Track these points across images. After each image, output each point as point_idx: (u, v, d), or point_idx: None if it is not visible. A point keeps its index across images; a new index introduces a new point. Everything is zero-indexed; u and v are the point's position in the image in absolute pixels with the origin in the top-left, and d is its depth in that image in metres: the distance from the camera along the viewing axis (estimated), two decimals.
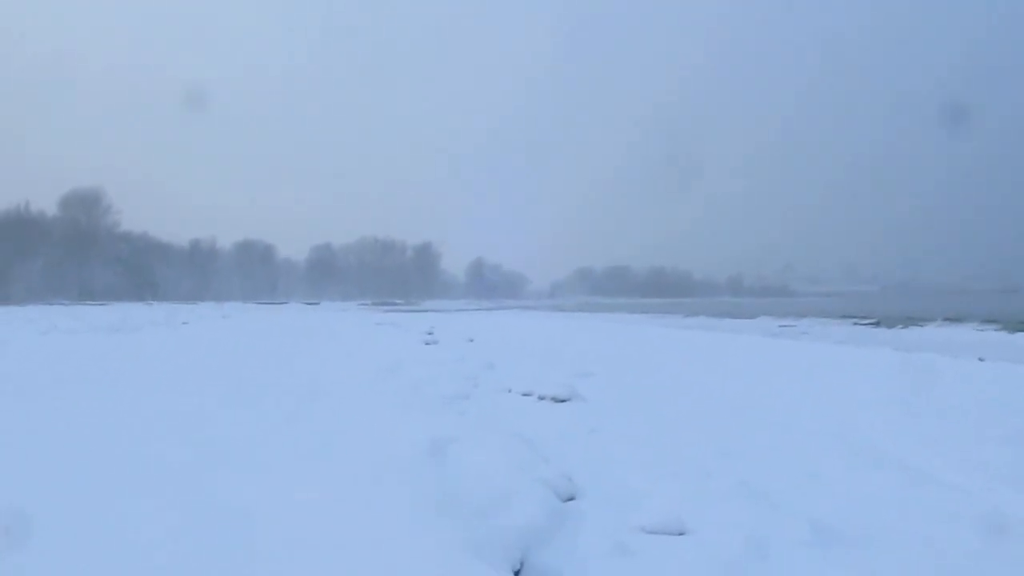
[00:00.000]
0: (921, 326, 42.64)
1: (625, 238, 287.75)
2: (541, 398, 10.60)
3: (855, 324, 48.46)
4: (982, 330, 37.95)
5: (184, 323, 35.14)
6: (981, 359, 20.05)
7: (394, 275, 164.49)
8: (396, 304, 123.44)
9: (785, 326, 47.66)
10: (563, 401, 10.44)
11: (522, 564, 4.39)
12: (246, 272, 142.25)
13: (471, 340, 24.11)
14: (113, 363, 14.59)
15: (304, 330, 29.86)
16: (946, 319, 47.71)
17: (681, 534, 4.90)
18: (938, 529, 5.05)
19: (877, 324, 47.30)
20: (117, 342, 21.19)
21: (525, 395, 10.93)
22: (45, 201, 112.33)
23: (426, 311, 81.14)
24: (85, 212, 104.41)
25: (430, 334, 26.72)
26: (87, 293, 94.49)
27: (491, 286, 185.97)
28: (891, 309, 71.61)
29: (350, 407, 9.05)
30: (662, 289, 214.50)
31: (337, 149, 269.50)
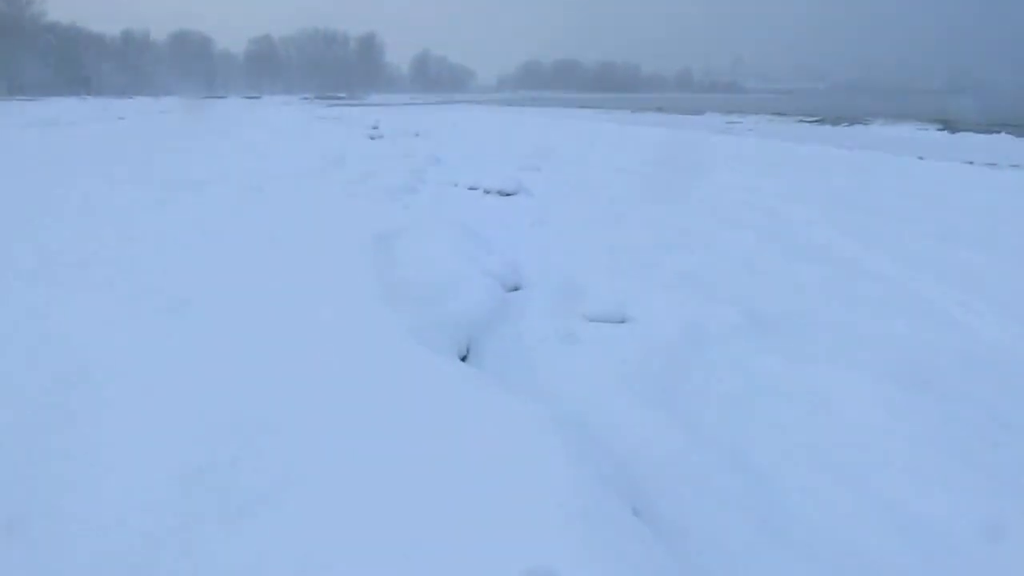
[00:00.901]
0: (865, 124, 42.89)
1: (573, 31, 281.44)
2: (487, 191, 10.62)
3: (800, 122, 48.57)
4: (924, 129, 38.29)
5: (120, 118, 34.08)
6: (921, 158, 20.34)
7: (337, 68, 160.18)
8: (339, 98, 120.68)
9: (732, 123, 47.61)
10: (509, 195, 10.47)
11: (468, 350, 4.51)
12: (182, 66, 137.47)
13: (417, 135, 23.81)
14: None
15: (246, 124, 29.20)
16: (890, 118, 47.98)
17: (622, 322, 5.04)
18: (864, 315, 5.26)
19: (822, 122, 47.45)
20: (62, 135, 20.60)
21: (471, 189, 10.94)
22: None
23: (370, 105, 79.50)
24: (7, 1, 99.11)
25: (375, 128, 26.32)
26: (17, 88, 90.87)
27: (437, 80, 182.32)
28: (838, 107, 71.72)
29: (295, 199, 8.99)
30: (611, 84, 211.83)
31: None
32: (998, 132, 33.78)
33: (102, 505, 2.47)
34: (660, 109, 67.24)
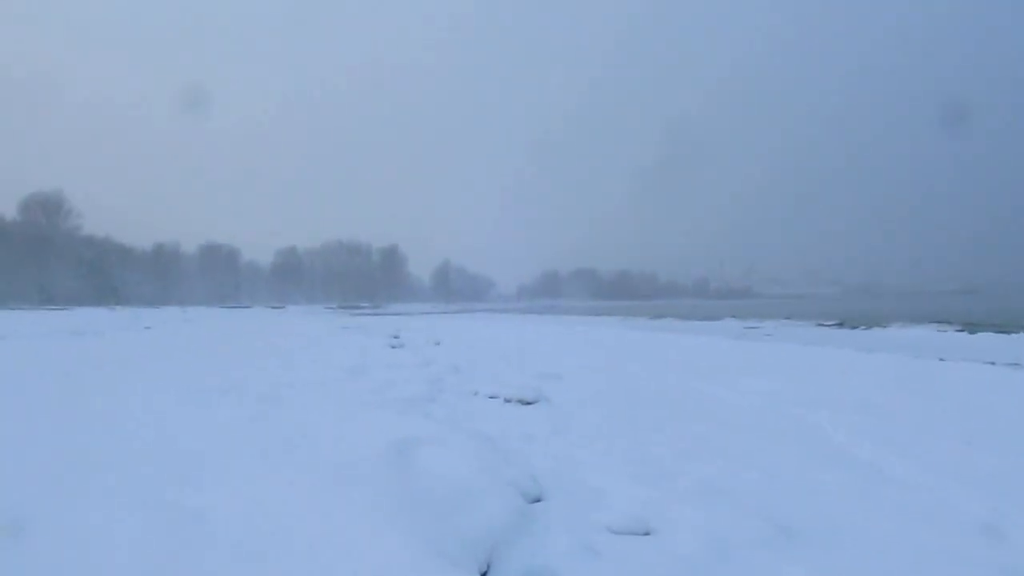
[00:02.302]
0: (883, 327, 43.18)
1: (591, 241, 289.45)
2: (507, 400, 10.61)
3: (818, 325, 48.98)
4: (943, 331, 38.47)
5: (147, 327, 34.73)
6: (942, 359, 20.34)
7: (360, 279, 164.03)
8: (362, 308, 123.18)
9: (750, 327, 48.05)
10: (529, 403, 10.45)
11: (489, 566, 4.40)
12: (210, 276, 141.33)
13: (437, 343, 24.04)
14: (77, 366, 14.41)
15: (269, 333, 29.64)
16: (907, 320, 48.39)
17: (646, 534, 4.94)
18: (891, 524, 5.15)
19: (840, 325, 47.87)
20: (82, 345, 20.93)
21: (491, 397, 10.93)
22: (4, 205, 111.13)
23: (392, 314, 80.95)
24: (46, 216, 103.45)
25: (396, 337, 26.61)
26: (47, 298, 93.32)
27: (457, 289, 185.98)
28: (853, 311, 72.49)
29: (314, 409, 9.00)
30: (628, 291, 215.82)
31: (304, 153, 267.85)
32: (1017, 332, 33.90)
33: None
34: (678, 316, 68.04)
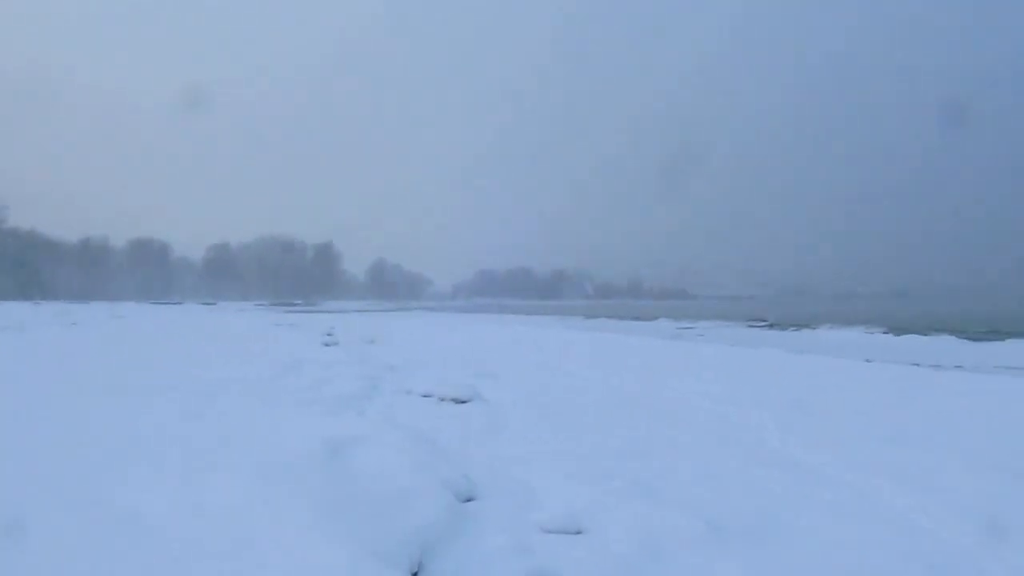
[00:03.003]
0: (813, 329, 44.00)
1: (527, 241, 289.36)
2: (442, 399, 10.57)
3: (750, 326, 49.76)
4: (870, 333, 39.31)
5: (73, 323, 33.92)
6: (868, 360, 20.80)
7: (294, 275, 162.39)
8: (295, 305, 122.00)
9: (684, 328, 48.64)
10: (464, 402, 10.42)
11: (420, 566, 4.37)
12: (140, 271, 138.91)
13: (372, 341, 23.89)
14: None
15: (200, 330, 29.17)
16: (836, 322, 49.37)
17: (579, 533, 4.94)
18: (822, 521, 5.23)
19: (771, 327, 48.69)
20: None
21: (426, 396, 10.88)
22: None
23: (326, 312, 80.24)
24: None
25: (330, 335, 26.38)
26: None
27: (393, 287, 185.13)
28: (784, 312, 73.73)
29: (248, 407, 8.87)
30: (563, 291, 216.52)
31: (237, 147, 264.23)
32: (940, 334, 34.80)
33: None
34: (613, 316, 68.55)
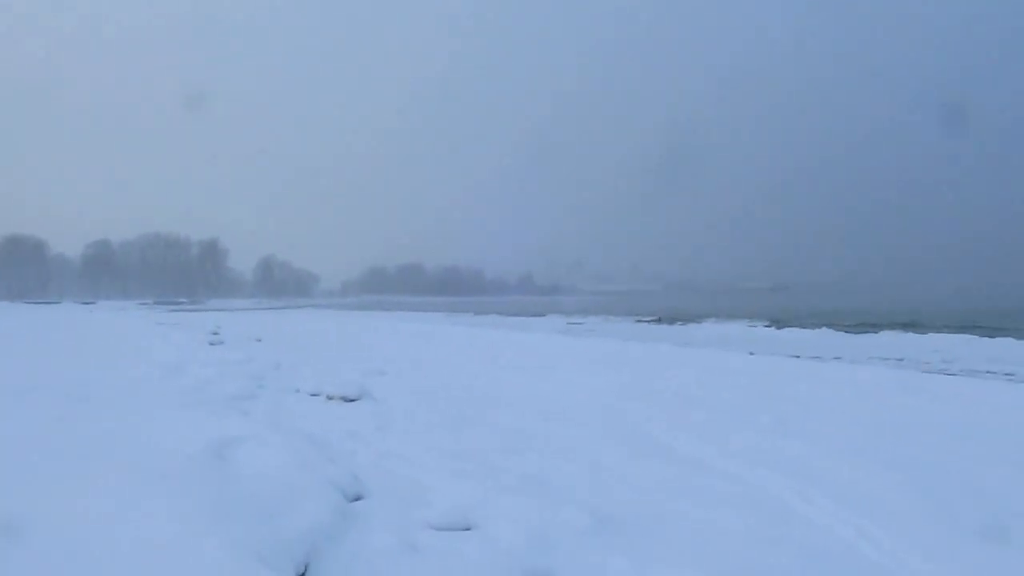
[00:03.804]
0: (699, 323, 45.06)
1: (417, 237, 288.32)
2: (330, 397, 10.44)
3: (638, 321, 50.64)
4: (753, 326, 40.43)
5: None
6: (752, 353, 21.39)
7: (178, 273, 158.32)
8: (180, 303, 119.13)
9: (574, 323, 49.20)
10: (353, 400, 10.32)
11: (306, 567, 4.28)
12: (14, 269, 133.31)
13: (259, 340, 23.49)
14: None
15: (77, 329, 28.15)
16: (721, 316, 50.66)
17: (468, 529, 4.93)
18: (708, 511, 5.34)
19: (659, 321, 49.68)
20: None
21: (313, 395, 10.74)
22: None
23: (212, 310, 78.61)
24: None
25: (215, 334, 25.81)
26: None
27: (281, 284, 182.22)
28: (672, 307, 75.21)
29: (128, 408, 8.59)
30: (455, 287, 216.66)
31: (119, 141, 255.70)
32: (820, 327, 36.02)
33: None
34: (503, 312, 68.86)
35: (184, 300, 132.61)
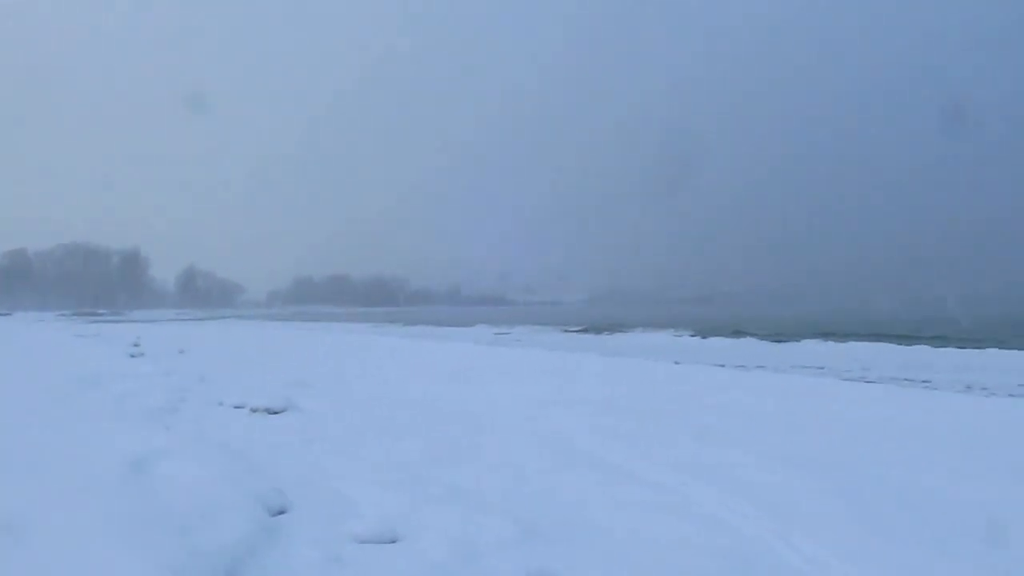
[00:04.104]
0: (625, 332, 45.49)
1: (344, 248, 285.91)
2: (254, 410, 10.29)
3: (566, 331, 50.91)
4: (679, 336, 40.97)
5: None
6: (677, 362, 21.65)
7: (98, 283, 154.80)
8: (100, 314, 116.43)
9: (501, 333, 49.27)
10: (278, 412, 10.19)
11: None
12: None
13: (182, 352, 23.06)
14: None
15: None
16: (648, 326, 51.21)
17: (394, 542, 4.89)
18: (632, 520, 5.38)
19: (586, 331, 49.99)
20: None
21: (238, 407, 10.58)
22: None
23: (134, 321, 77.02)
24: None
25: (136, 346, 25.25)
26: None
27: (205, 295, 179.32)
28: (599, 317, 75.81)
29: (43, 422, 8.36)
30: (382, 298, 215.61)
31: (38, 146, 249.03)
32: (743, 337, 36.65)
33: None
34: (432, 322, 68.73)
35: (104, 311, 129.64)
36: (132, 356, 21.28)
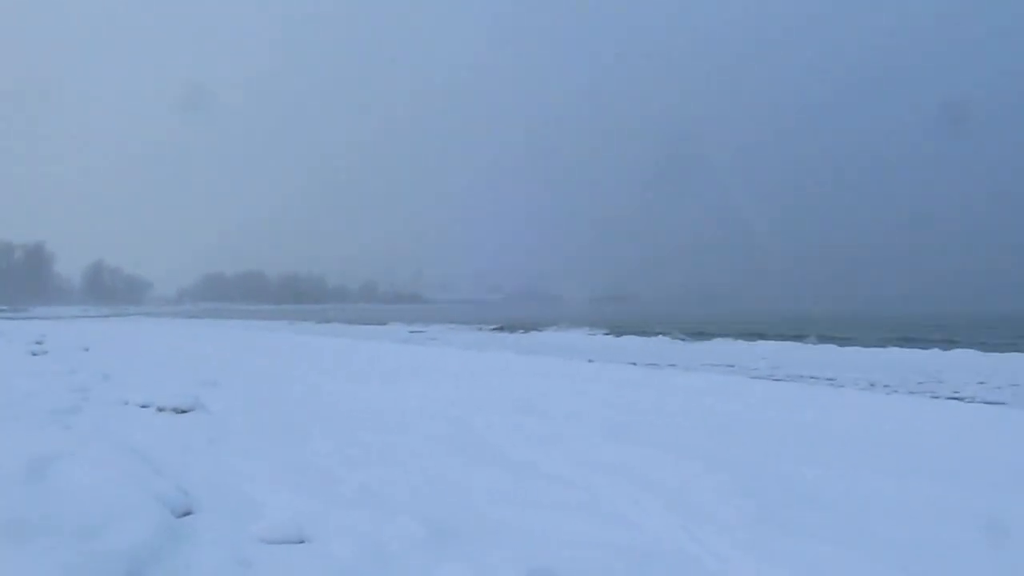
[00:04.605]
0: (540, 331, 45.75)
1: (257, 244, 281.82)
2: (161, 409, 10.07)
3: (480, 329, 51.02)
4: (593, 334, 41.35)
5: None
6: (591, 360, 21.85)
7: None
8: (1, 311, 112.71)
9: (416, 331, 49.18)
10: (185, 412, 10.00)
11: None
12: None
13: (86, 349, 22.48)
14: None
15: None
16: (562, 324, 51.61)
17: (301, 542, 4.84)
18: (542, 518, 5.42)
19: (501, 329, 50.18)
20: None
21: (143, 407, 10.34)
22: None
23: (36, 318, 74.77)
24: None
25: (39, 343, 24.53)
26: None
27: (112, 291, 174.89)
28: (514, 315, 76.13)
29: None
30: (296, 295, 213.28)
31: None
32: (656, 335, 37.17)
33: None
34: (346, 320, 68.26)
35: (5, 307, 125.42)
36: (34, 354, 20.68)
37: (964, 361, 23.42)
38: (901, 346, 28.97)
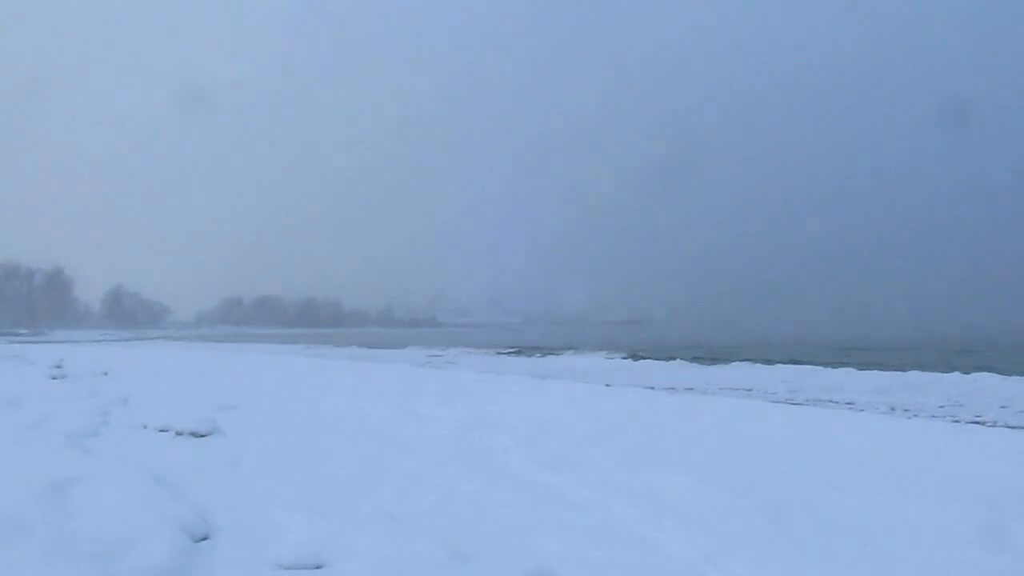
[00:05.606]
0: (558, 355, 45.68)
1: (276, 270, 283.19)
2: (179, 433, 10.08)
3: (498, 353, 50.99)
4: (611, 358, 41.25)
5: None
6: (608, 384, 21.78)
7: (19, 303, 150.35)
8: (21, 335, 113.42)
9: (434, 355, 49.19)
10: (203, 436, 9.99)
11: None
12: None
13: (106, 373, 22.52)
14: None
15: None
16: (580, 348, 51.57)
17: (319, 567, 4.82)
18: (563, 543, 5.38)
19: (519, 353, 50.12)
20: None
21: (162, 430, 10.35)
22: None
23: (56, 342, 75.19)
24: None
25: (58, 367, 24.59)
26: None
27: (131, 316, 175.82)
28: (531, 339, 76.11)
29: None
30: (313, 320, 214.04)
31: None
32: (674, 359, 37.04)
33: None
34: (363, 344, 68.32)
35: (25, 332, 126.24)
36: (54, 378, 20.74)
37: (986, 385, 23.18)
38: (921, 370, 28.74)
